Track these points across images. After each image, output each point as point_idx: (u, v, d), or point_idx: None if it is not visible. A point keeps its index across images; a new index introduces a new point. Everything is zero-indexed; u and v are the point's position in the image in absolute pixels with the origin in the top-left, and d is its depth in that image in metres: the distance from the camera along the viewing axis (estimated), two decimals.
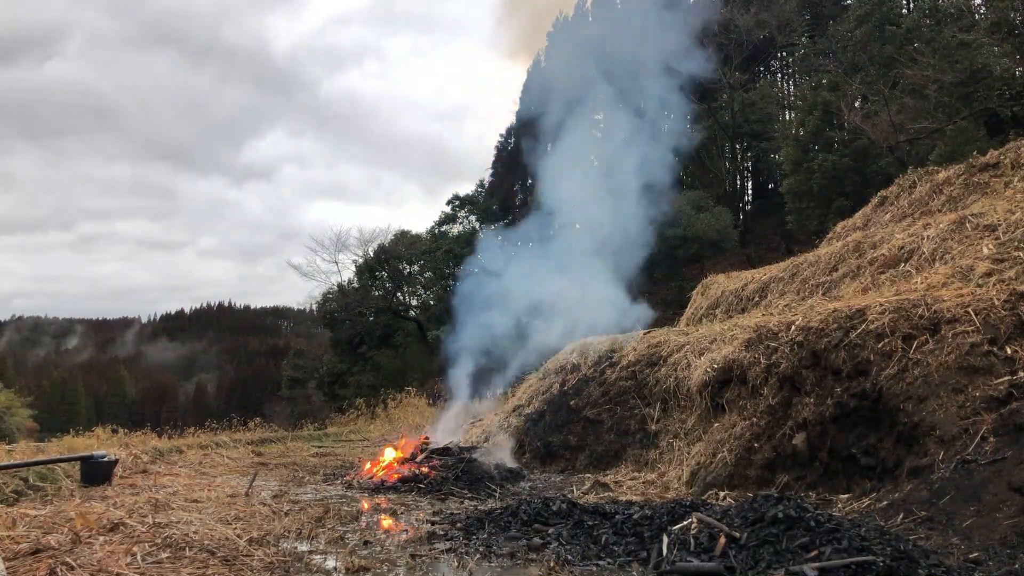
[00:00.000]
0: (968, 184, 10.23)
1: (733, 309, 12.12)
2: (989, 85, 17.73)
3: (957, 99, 18.20)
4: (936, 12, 22.35)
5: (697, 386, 8.15)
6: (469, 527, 5.46)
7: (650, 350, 9.93)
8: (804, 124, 24.91)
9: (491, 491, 7.98)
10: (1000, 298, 5.89)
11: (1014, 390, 5.21)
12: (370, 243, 38.17)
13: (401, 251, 37.36)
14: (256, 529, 5.22)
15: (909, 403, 5.62)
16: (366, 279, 38.06)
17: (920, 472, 5.24)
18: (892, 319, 6.19)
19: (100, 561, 4.03)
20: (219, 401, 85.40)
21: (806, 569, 3.72)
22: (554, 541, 4.98)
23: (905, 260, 8.53)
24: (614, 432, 9.37)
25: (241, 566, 4.27)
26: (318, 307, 40.09)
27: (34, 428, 37.24)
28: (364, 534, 5.43)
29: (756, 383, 7.16)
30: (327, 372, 38.47)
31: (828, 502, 5.70)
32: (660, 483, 7.79)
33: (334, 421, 24.47)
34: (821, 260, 10.61)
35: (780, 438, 6.57)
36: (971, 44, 17.93)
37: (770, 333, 7.35)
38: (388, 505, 7.15)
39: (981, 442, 4.98)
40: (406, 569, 4.45)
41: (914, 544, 4.04)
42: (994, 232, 7.72)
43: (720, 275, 14.25)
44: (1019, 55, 18.01)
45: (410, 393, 22.91)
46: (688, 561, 4.11)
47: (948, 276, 7.07)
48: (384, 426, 19.94)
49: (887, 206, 12.09)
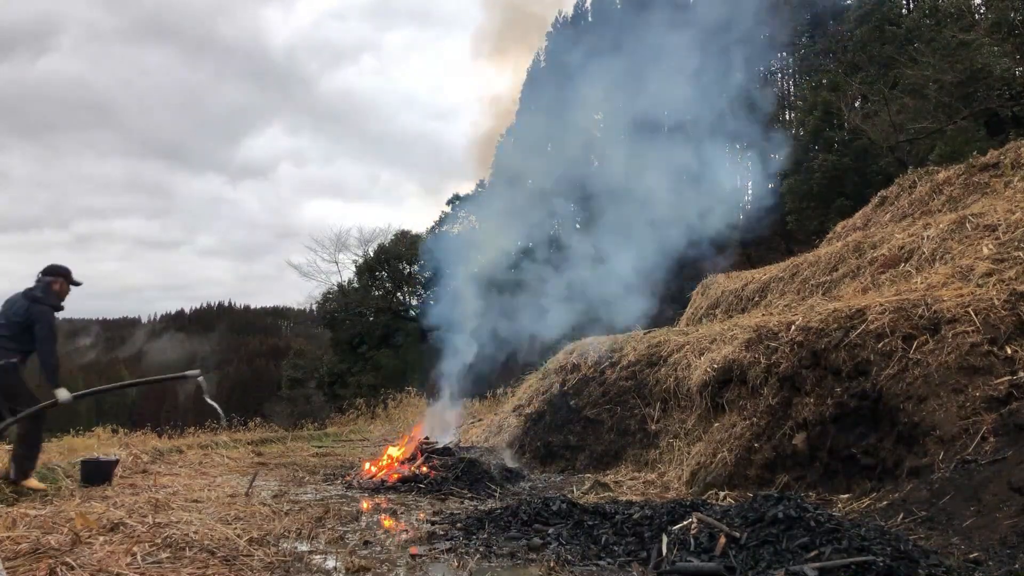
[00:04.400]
0: (968, 184, 10.24)
1: (733, 309, 12.13)
2: (989, 85, 17.74)
3: (957, 99, 18.21)
4: (936, 12, 22.35)
5: (697, 386, 8.15)
6: (469, 527, 5.46)
7: (650, 350, 9.94)
8: (804, 124, 24.93)
9: (491, 491, 7.98)
10: (1000, 298, 5.89)
11: (1014, 390, 5.21)
12: (370, 243, 38.26)
13: (401, 251, 37.38)
14: (256, 529, 5.22)
15: (909, 403, 5.62)
16: (366, 279, 38.08)
17: (920, 472, 5.24)
18: (892, 319, 6.20)
19: (100, 561, 4.03)
20: (219, 401, 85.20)
21: (806, 569, 3.72)
22: (554, 541, 4.98)
23: (905, 260, 8.54)
24: (614, 432, 9.37)
25: (241, 566, 4.27)
26: (318, 307, 40.13)
27: None
28: (364, 534, 5.43)
29: (756, 383, 7.16)
30: (327, 372, 38.46)
31: (828, 502, 5.70)
32: (660, 483, 7.79)
33: (334, 421, 24.44)
34: (821, 260, 10.61)
35: (780, 438, 6.57)
36: (971, 44, 17.93)
37: (770, 333, 7.36)
38: (388, 505, 7.16)
39: (981, 442, 4.99)
40: (406, 569, 4.45)
41: (914, 544, 4.04)
42: (994, 232, 7.72)
43: (720, 275, 14.25)
44: (1019, 55, 18.00)
45: (410, 393, 22.91)
46: (688, 561, 4.11)
47: (948, 276, 7.07)
48: (384, 426, 19.94)
49: (887, 206, 12.10)
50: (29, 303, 6.79)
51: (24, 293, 6.92)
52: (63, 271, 7.19)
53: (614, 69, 13.39)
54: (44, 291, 6.92)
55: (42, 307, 6.80)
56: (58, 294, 7.06)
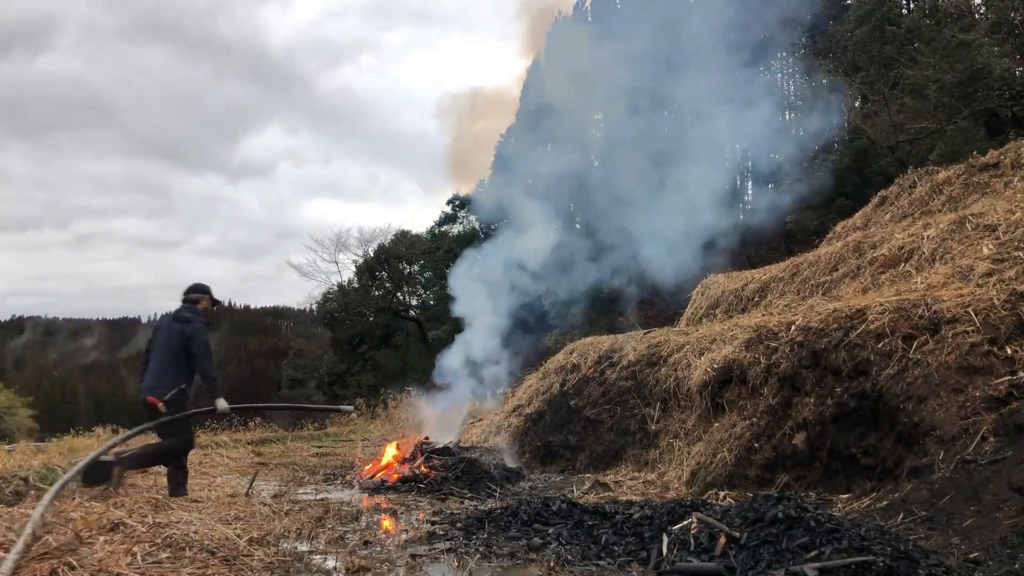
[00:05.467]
0: (968, 184, 10.24)
1: (733, 309, 12.12)
2: (989, 85, 17.72)
3: (957, 99, 18.20)
4: (936, 12, 22.33)
5: (697, 386, 8.15)
6: (469, 527, 5.47)
7: (650, 350, 9.94)
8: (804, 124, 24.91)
9: (491, 491, 7.98)
10: (1000, 298, 5.89)
11: (1014, 390, 5.21)
12: (370, 243, 38.20)
13: (401, 251, 37.36)
14: (256, 529, 5.22)
15: (909, 403, 5.62)
16: (366, 279, 38.05)
17: (920, 472, 5.24)
18: (892, 319, 6.19)
19: (100, 561, 4.03)
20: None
21: (806, 569, 3.72)
22: (554, 541, 4.98)
23: (905, 260, 8.53)
24: (614, 432, 9.37)
25: (241, 566, 4.27)
26: (318, 307, 40.08)
27: (34, 428, 37.19)
28: (364, 534, 5.43)
29: (756, 383, 7.16)
30: (327, 372, 38.44)
31: (828, 502, 5.70)
32: (660, 483, 7.79)
33: (334, 421, 24.45)
34: (821, 260, 10.61)
35: (780, 438, 6.58)
36: (971, 44, 17.92)
37: (770, 333, 7.35)
38: (388, 505, 7.16)
39: (981, 442, 4.99)
40: (406, 569, 4.45)
41: (914, 544, 4.04)
42: (994, 232, 7.72)
43: (720, 275, 14.25)
44: (1019, 55, 18.01)
45: (410, 393, 22.90)
46: (688, 561, 4.11)
47: (948, 276, 7.07)
48: (384, 426, 19.94)
49: (887, 206, 12.10)
50: (182, 324, 6.97)
51: (173, 317, 7.11)
52: (207, 289, 7.43)
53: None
54: (192, 310, 7.14)
55: (195, 325, 6.97)
56: (204, 311, 7.28)
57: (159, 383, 6.78)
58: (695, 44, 14.00)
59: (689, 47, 14.04)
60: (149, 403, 6.72)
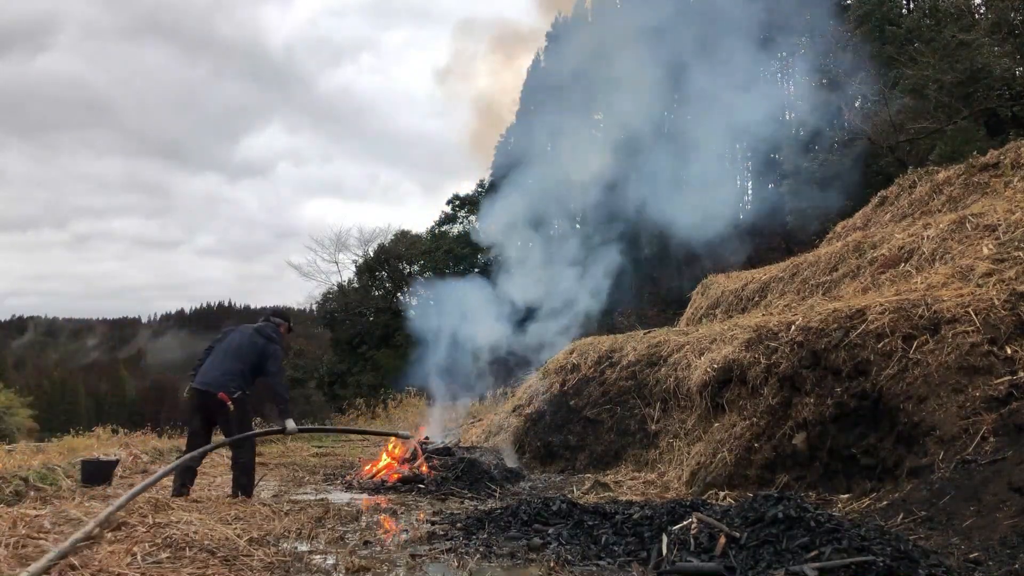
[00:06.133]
0: (968, 184, 10.23)
1: (733, 309, 12.13)
2: (989, 85, 17.73)
3: (957, 99, 18.20)
4: (936, 12, 22.32)
5: (697, 386, 8.15)
6: (469, 527, 5.46)
7: (650, 350, 9.94)
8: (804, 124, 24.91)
9: (491, 491, 7.98)
10: (1000, 298, 5.89)
11: (1014, 390, 5.20)
12: (370, 243, 38.25)
13: (401, 251, 37.38)
14: (256, 529, 5.22)
15: (909, 403, 5.62)
16: (366, 279, 38.08)
17: (920, 472, 5.24)
18: (892, 319, 6.19)
19: (101, 561, 4.04)
20: None
21: (806, 569, 3.72)
22: (554, 541, 4.98)
23: (905, 260, 8.53)
24: (614, 432, 9.38)
25: (241, 566, 4.27)
26: (318, 307, 40.12)
27: (34, 428, 37.21)
28: (364, 534, 5.43)
29: (756, 383, 7.16)
30: (327, 372, 38.46)
31: (828, 502, 5.70)
32: (660, 483, 7.80)
33: (334, 421, 24.47)
34: (821, 260, 10.61)
35: (780, 438, 6.58)
36: (971, 44, 17.92)
37: (770, 333, 7.36)
38: (388, 505, 7.16)
39: (981, 442, 4.98)
40: (406, 569, 4.45)
41: (914, 544, 4.04)
42: (994, 232, 7.72)
43: (720, 275, 14.26)
44: (1019, 55, 18.00)
45: (410, 393, 22.91)
46: (688, 561, 4.11)
47: (948, 276, 7.07)
48: (384, 426, 19.94)
49: (887, 206, 12.10)
50: (265, 341, 7.16)
51: (257, 331, 7.28)
52: (288, 317, 7.82)
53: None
54: (276, 331, 7.37)
55: (276, 347, 7.23)
56: (283, 336, 7.53)
57: (229, 381, 6.90)
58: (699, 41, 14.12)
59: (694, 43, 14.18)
60: (218, 399, 6.80)
